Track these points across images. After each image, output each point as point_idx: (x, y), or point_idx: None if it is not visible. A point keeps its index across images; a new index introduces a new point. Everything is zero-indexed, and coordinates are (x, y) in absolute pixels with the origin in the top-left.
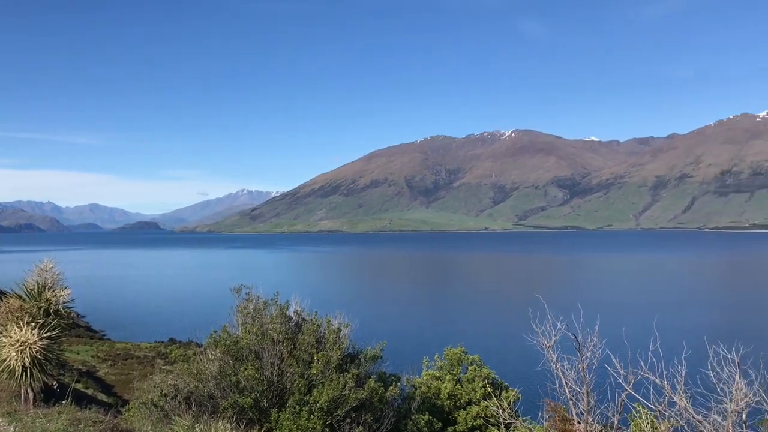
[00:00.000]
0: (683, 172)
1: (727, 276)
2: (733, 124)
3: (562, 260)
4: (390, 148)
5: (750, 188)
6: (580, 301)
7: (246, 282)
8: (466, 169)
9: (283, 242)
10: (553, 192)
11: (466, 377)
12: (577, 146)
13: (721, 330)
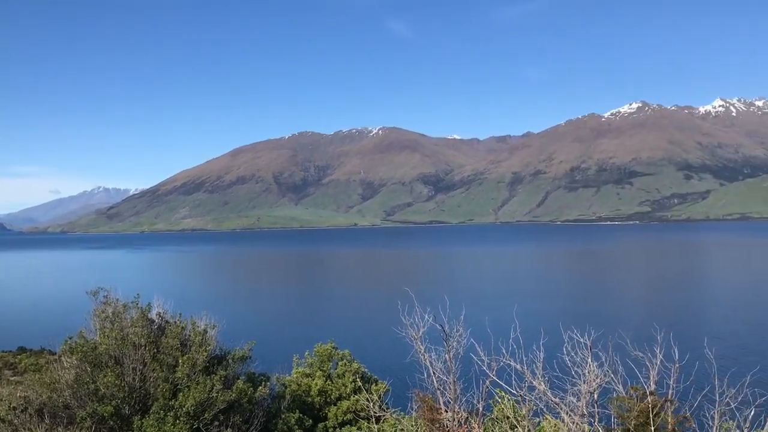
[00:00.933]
0: (537, 169)
1: (578, 265)
2: (582, 124)
3: (429, 254)
4: (257, 143)
5: (596, 183)
6: (446, 292)
7: (104, 285)
8: (335, 165)
9: (143, 242)
10: (418, 188)
11: (336, 373)
12: (440, 144)
13: (575, 316)
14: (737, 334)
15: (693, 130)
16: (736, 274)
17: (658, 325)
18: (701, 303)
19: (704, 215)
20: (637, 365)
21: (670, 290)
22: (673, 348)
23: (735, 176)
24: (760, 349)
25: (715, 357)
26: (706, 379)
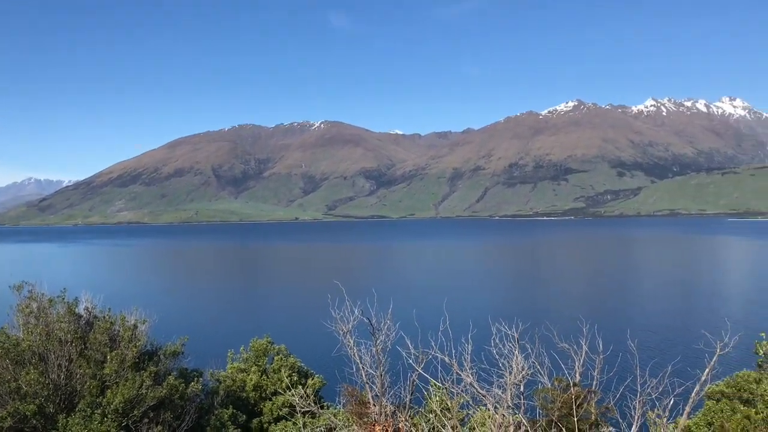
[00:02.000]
0: (477, 165)
1: (511, 259)
2: (520, 121)
3: (367, 248)
4: (196, 135)
5: (533, 179)
6: (375, 286)
7: (29, 279)
8: (276, 158)
9: (76, 235)
10: (360, 182)
11: (272, 367)
12: (382, 139)
13: (504, 309)
14: (660, 325)
15: (626, 128)
16: (663, 267)
17: (584, 318)
18: (628, 296)
19: (636, 211)
20: (563, 357)
21: (599, 284)
22: (597, 340)
23: (665, 174)
24: (681, 340)
25: (637, 348)
26: (628, 369)
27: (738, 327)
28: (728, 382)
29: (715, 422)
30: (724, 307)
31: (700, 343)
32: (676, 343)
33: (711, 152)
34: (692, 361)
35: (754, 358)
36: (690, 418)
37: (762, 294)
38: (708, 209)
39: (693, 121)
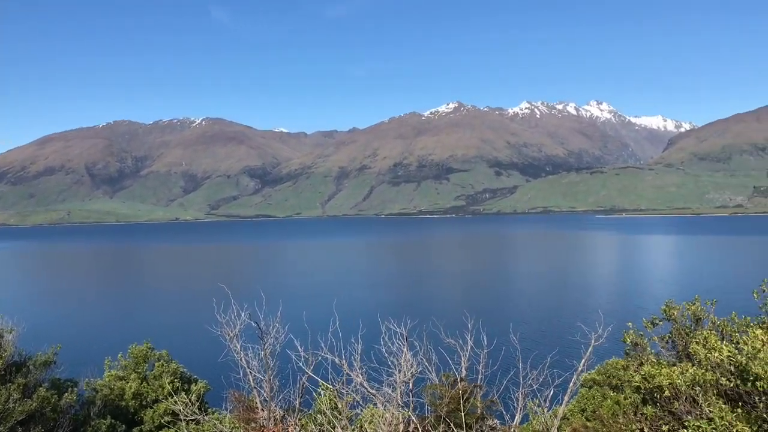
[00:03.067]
0: (363, 164)
1: (398, 257)
2: (404, 122)
3: (251, 249)
4: (68, 132)
5: (417, 179)
6: (263, 288)
7: None
8: (155, 156)
9: None
10: (244, 181)
11: (153, 374)
12: (267, 137)
13: (393, 307)
14: (539, 318)
15: (503, 130)
16: (540, 261)
17: (469, 313)
18: (509, 290)
19: (512, 209)
20: (450, 352)
21: (482, 279)
22: (482, 334)
23: (538, 173)
24: (559, 332)
25: (519, 341)
26: (511, 362)
27: (609, 318)
28: (599, 370)
29: (588, 408)
30: (596, 299)
31: (577, 335)
32: (554, 335)
33: (580, 153)
34: (569, 352)
35: (622, 346)
36: (567, 406)
37: (629, 285)
38: (578, 206)
39: (564, 123)
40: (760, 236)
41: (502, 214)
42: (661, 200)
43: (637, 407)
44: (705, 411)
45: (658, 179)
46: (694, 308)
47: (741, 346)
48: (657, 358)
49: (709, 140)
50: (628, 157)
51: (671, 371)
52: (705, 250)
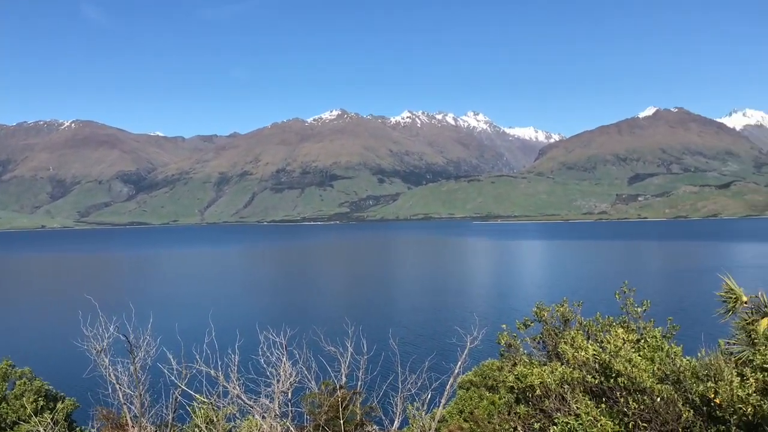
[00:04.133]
0: (244, 170)
1: (279, 264)
2: (287, 127)
3: (122, 258)
4: None
5: (301, 185)
6: (133, 300)
7: None
8: (18, 160)
9: None
10: (117, 187)
11: (13, 393)
12: (142, 140)
13: (272, 315)
14: (419, 322)
15: (385, 138)
16: (420, 266)
17: (350, 320)
18: (390, 295)
19: (395, 215)
20: (330, 360)
21: (364, 285)
22: (362, 341)
23: (419, 181)
24: (437, 335)
25: (398, 346)
26: (390, 368)
27: (484, 320)
28: (476, 372)
29: (465, 409)
30: (473, 303)
31: (453, 338)
32: (433, 338)
33: (459, 161)
34: (447, 355)
35: (497, 347)
36: (445, 408)
37: (503, 288)
38: (457, 213)
39: (443, 133)
40: (621, 240)
41: (385, 221)
42: (533, 207)
43: (511, 407)
44: (573, 408)
45: (530, 187)
46: (562, 309)
47: (605, 344)
48: (529, 358)
49: (576, 151)
50: (502, 166)
51: (542, 371)
52: (573, 254)
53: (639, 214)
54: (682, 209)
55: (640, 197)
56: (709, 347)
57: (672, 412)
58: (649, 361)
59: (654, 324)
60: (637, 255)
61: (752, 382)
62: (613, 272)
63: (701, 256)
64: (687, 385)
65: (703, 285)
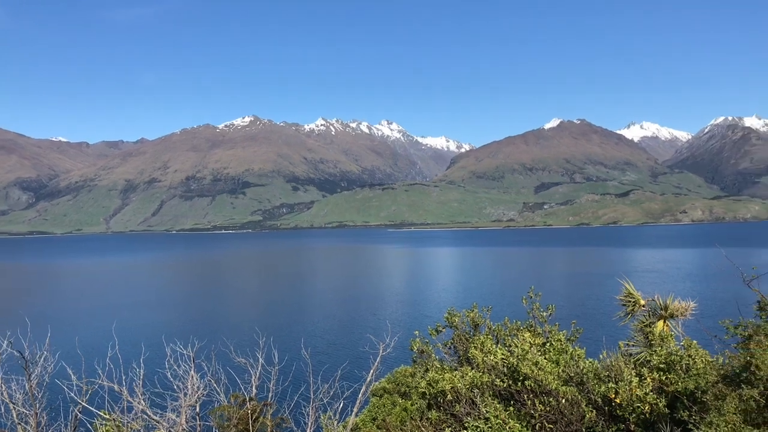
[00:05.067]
0: (152, 177)
1: (188, 274)
2: (197, 133)
3: (16, 269)
4: None
5: (211, 193)
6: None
7: None
8: None
9: None
10: (15, 194)
11: None
12: (43, 146)
13: (181, 327)
14: (331, 331)
15: (299, 145)
16: (334, 275)
17: (261, 330)
18: (303, 304)
19: (309, 223)
20: (240, 372)
21: (276, 294)
22: (274, 351)
23: (334, 189)
24: (350, 344)
25: (311, 356)
26: (302, 377)
27: (397, 327)
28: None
29: (378, 416)
30: (386, 310)
31: (366, 346)
32: (345, 346)
33: (373, 170)
34: (360, 363)
35: (410, 354)
36: (358, 416)
37: (416, 295)
38: (371, 221)
39: (358, 141)
40: (528, 247)
41: (299, 229)
42: (445, 214)
43: (423, 413)
44: (482, 411)
45: (442, 195)
46: (472, 315)
47: (513, 348)
48: (441, 363)
49: (486, 160)
50: (416, 174)
51: (453, 376)
52: (483, 261)
53: (545, 221)
54: (585, 217)
55: (546, 205)
56: (610, 349)
57: (576, 413)
58: (555, 364)
59: (559, 327)
60: (542, 261)
61: (649, 382)
62: (521, 278)
63: (602, 262)
64: (590, 386)
65: (604, 289)
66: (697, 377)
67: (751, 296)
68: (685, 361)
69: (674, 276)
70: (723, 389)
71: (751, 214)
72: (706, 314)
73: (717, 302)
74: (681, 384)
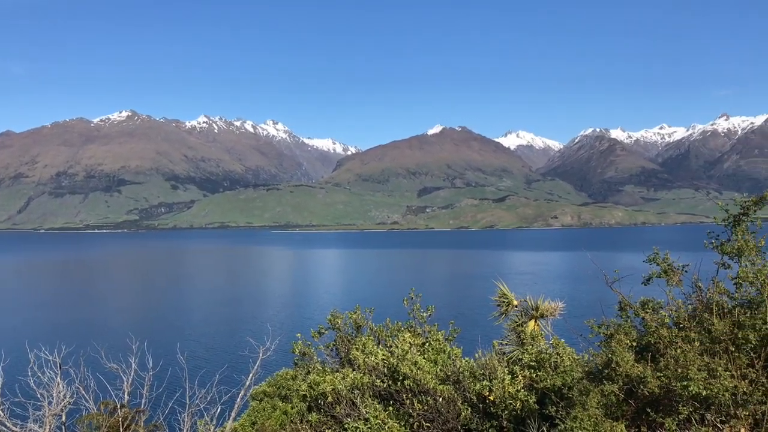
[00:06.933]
0: (19, 172)
1: (57, 276)
2: (69, 127)
3: None
4: None
5: (84, 190)
6: None
7: None
8: None
9: None
10: None
11: None
12: None
13: (47, 332)
14: (210, 335)
15: (180, 143)
16: (213, 278)
17: (134, 334)
18: (180, 308)
19: (189, 224)
20: (111, 378)
21: (152, 297)
22: (147, 356)
23: (216, 188)
24: (229, 348)
25: (187, 360)
26: (178, 383)
27: (278, 330)
28: (270, 382)
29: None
30: (268, 313)
31: (246, 350)
32: (225, 351)
33: (258, 170)
34: (239, 367)
35: (292, 356)
36: (236, 421)
37: (299, 298)
38: (255, 222)
39: (242, 140)
40: (410, 249)
41: (178, 229)
42: (330, 216)
43: (303, 415)
44: (362, 412)
45: (328, 197)
46: (355, 316)
47: (393, 349)
48: (323, 365)
49: (371, 164)
50: (301, 175)
51: (334, 377)
52: (367, 263)
53: (427, 224)
54: (464, 220)
55: (428, 209)
56: (486, 348)
57: (452, 411)
58: (433, 363)
59: (438, 328)
60: (424, 263)
61: (521, 379)
62: (403, 279)
63: (480, 264)
64: (466, 384)
65: (480, 290)
66: (564, 374)
67: (613, 297)
68: (554, 359)
69: (545, 278)
70: (587, 385)
71: (615, 220)
72: (573, 314)
73: (583, 303)
74: (550, 381)
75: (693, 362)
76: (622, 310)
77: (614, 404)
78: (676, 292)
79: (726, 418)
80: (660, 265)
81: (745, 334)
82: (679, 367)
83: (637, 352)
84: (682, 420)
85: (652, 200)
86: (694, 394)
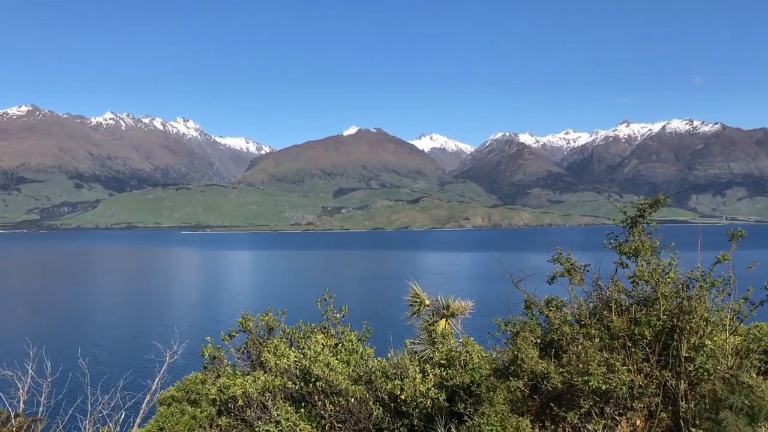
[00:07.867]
0: None
1: None
2: None
3: None
4: None
5: None
6: None
7: None
8: None
9: None
10: None
11: None
12: None
13: None
14: (114, 339)
15: (84, 139)
16: (119, 279)
17: (32, 340)
18: (81, 311)
19: (94, 224)
20: (6, 386)
21: (51, 301)
22: (46, 362)
23: (123, 187)
24: (134, 352)
25: (89, 366)
26: (79, 389)
27: (186, 333)
28: (179, 387)
29: (166, 426)
30: (176, 316)
31: (152, 354)
32: (129, 355)
33: (167, 168)
34: (145, 372)
35: (201, 360)
36: (143, 427)
37: (209, 300)
38: (163, 222)
39: (150, 137)
40: (325, 250)
41: (82, 230)
42: (243, 217)
43: (212, 419)
44: (273, 415)
45: (240, 197)
46: (267, 318)
47: (306, 350)
48: (233, 369)
49: (286, 164)
50: (213, 175)
51: (245, 380)
52: (280, 264)
53: (342, 225)
54: (379, 221)
55: (344, 210)
56: (398, 347)
57: (364, 411)
58: (346, 364)
59: (351, 328)
60: (339, 264)
61: (431, 378)
62: (317, 280)
63: (394, 265)
64: (378, 384)
65: (394, 290)
66: (473, 371)
67: (519, 296)
68: (463, 357)
69: (456, 278)
70: (494, 382)
71: (523, 221)
72: (482, 313)
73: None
74: (459, 378)
75: (593, 358)
76: (527, 308)
77: (520, 400)
78: (578, 290)
79: (623, 411)
80: (563, 265)
81: (641, 330)
82: (581, 362)
83: (542, 349)
84: (584, 413)
85: (557, 203)
86: (594, 389)
